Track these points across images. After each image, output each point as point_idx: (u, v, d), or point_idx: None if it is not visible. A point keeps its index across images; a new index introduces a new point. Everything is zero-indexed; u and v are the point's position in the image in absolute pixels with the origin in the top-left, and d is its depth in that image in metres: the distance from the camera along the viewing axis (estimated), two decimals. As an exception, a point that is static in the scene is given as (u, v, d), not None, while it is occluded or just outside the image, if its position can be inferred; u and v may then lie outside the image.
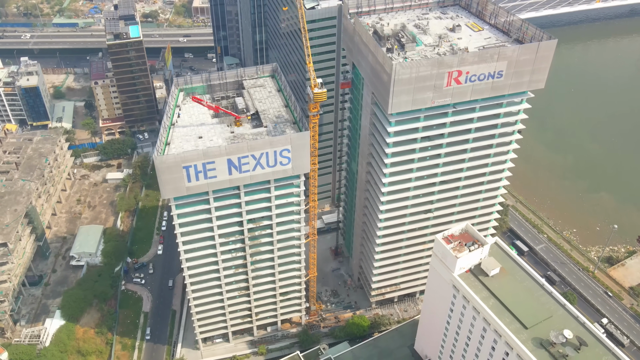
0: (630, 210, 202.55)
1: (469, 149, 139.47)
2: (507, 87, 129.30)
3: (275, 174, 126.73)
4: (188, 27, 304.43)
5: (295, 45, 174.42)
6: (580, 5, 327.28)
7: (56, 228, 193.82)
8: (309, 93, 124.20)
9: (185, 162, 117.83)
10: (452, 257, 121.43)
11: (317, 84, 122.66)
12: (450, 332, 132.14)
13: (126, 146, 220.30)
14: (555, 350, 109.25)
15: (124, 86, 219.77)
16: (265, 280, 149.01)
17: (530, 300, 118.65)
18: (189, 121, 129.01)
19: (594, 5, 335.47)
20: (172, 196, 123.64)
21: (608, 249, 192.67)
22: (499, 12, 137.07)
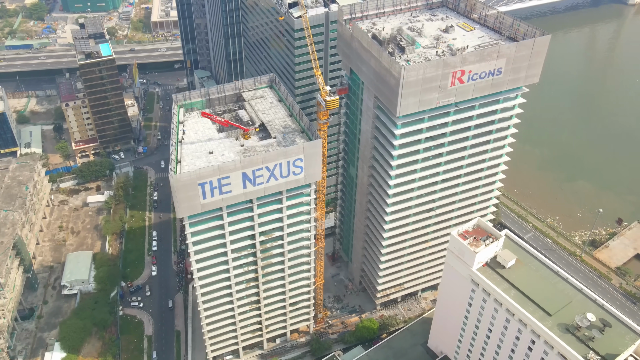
0: (608, 195, 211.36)
1: (468, 145, 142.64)
2: (505, 83, 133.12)
3: (287, 184, 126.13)
4: (149, 43, 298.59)
5: (280, 55, 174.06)
6: (531, 2, 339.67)
7: (41, 257, 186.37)
8: (319, 101, 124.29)
9: (201, 179, 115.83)
10: (470, 252, 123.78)
11: (327, 92, 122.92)
12: (469, 327, 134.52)
13: (104, 167, 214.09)
14: (582, 333, 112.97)
15: (97, 106, 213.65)
16: (275, 292, 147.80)
17: (549, 287, 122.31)
18: (195, 137, 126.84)
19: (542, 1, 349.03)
20: (188, 214, 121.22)
21: (590, 232, 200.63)
22: (488, 12, 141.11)
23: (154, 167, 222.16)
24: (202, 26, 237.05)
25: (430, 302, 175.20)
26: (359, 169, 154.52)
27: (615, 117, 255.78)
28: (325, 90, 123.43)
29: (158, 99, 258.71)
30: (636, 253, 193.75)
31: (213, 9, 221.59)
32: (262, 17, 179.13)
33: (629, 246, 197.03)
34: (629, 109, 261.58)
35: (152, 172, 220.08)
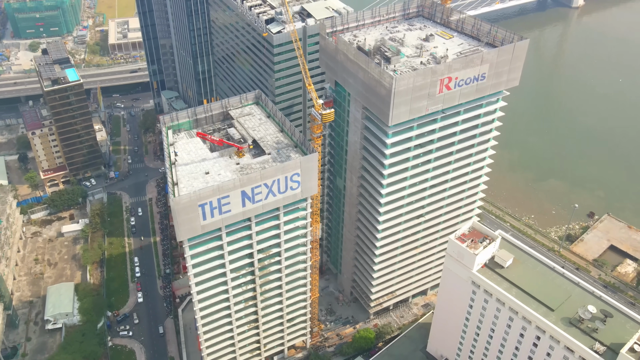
0: (578, 192, 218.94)
1: (454, 150, 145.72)
2: (488, 88, 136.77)
3: (285, 199, 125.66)
4: (108, 66, 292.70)
5: (257, 71, 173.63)
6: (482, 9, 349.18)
7: (19, 293, 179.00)
8: (314, 115, 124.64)
9: (201, 200, 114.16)
10: (470, 255, 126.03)
11: (321, 105, 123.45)
12: (470, 328, 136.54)
13: (76, 195, 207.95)
14: (585, 326, 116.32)
15: (66, 133, 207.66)
16: (273, 309, 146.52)
17: (547, 283, 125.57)
18: (188, 158, 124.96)
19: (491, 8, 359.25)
20: (188, 237, 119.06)
21: (565, 227, 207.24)
22: (465, 20, 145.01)
23: (128, 192, 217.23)
24: (168, 46, 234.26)
25: (421, 308, 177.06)
26: (347, 180, 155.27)
27: (573, 116, 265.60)
28: (319, 103, 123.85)
29: (124, 123, 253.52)
30: (610, 244, 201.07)
31: (179, 29, 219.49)
32: (236, 34, 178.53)
33: (602, 238, 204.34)
34: (585, 107, 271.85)
35: (126, 197, 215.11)
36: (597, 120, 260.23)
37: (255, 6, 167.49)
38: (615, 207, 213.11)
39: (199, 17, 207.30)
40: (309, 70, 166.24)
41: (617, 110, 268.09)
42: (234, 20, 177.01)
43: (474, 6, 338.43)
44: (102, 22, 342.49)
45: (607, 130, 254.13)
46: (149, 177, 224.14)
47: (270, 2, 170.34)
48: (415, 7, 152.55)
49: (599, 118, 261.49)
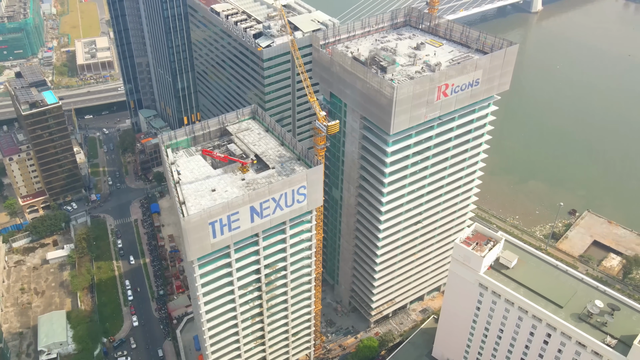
0: (558, 191, 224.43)
1: (450, 156, 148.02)
2: (482, 93, 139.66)
3: (292, 213, 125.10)
4: (79, 87, 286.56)
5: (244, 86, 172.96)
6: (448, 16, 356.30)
7: (7, 325, 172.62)
8: (318, 127, 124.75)
9: (211, 218, 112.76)
10: (477, 257, 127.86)
11: (324, 117, 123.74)
12: (478, 330, 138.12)
13: (59, 221, 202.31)
14: (594, 320, 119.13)
15: (45, 157, 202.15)
16: (279, 324, 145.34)
17: (553, 281, 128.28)
18: (192, 176, 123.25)
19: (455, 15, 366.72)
20: (198, 256, 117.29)
21: (549, 226, 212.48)
22: (453, 27, 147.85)
23: (112, 214, 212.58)
24: (144, 65, 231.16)
25: (419, 313, 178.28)
26: (345, 191, 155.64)
27: (544, 119, 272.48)
28: (322, 115, 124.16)
29: (101, 144, 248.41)
30: (593, 240, 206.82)
31: (156, 46, 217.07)
32: (221, 50, 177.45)
33: (585, 234, 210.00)
34: (554, 109, 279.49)
35: (110, 219, 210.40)
36: (567, 120, 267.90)
37: (240, 21, 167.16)
38: (595, 204, 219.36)
39: (177, 34, 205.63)
40: (298, 82, 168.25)
41: (586, 110, 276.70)
42: (218, 37, 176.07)
43: (439, 14, 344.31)
44: (67, 42, 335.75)
45: (579, 130, 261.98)
46: (132, 198, 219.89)
47: (255, 16, 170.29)
48: (402, 16, 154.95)
49: (570, 119, 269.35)
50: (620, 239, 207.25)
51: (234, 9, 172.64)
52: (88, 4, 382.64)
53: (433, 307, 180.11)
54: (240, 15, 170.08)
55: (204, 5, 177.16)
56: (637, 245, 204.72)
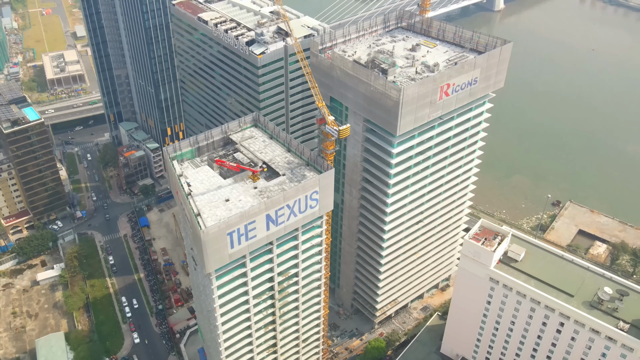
0: (542, 184, 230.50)
1: (449, 154, 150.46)
2: (479, 91, 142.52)
3: (305, 219, 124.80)
4: (50, 102, 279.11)
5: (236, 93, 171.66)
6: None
7: (2, 351, 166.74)
8: (329, 132, 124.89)
9: (229, 228, 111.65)
10: (487, 252, 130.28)
11: (333, 121, 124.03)
12: (489, 324, 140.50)
13: (46, 240, 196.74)
14: (605, 306, 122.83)
15: (28, 176, 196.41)
16: (291, 331, 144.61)
17: (561, 271, 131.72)
18: (203, 187, 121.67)
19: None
20: (216, 267, 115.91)
21: (535, 217, 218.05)
22: (445, 28, 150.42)
23: (100, 230, 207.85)
24: (123, 77, 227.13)
25: (420, 311, 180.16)
26: (346, 194, 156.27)
27: (518, 114, 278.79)
28: (331, 120, 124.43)
29: (80, 159, 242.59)
30: (578, 229, 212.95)
31: (137, 58, 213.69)
32: (210, 59, 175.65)
33: (570, 224, 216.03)
34: (527, 105, 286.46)
35: (98, 235, 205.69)
36: (541, 115, 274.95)
37: (230, 29, 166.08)
38: (577, 195, 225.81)
39: (159, 44, 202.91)
40: (291, 88, 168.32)
41: (559, 104, 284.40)
42: (206, 45, 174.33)
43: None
44: (33, 57, 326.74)
45: (554, 124, 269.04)
46: (119, 213, 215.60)
47: (245, 24, 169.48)
48: (394, 19, 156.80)
49: (543, 113, 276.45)
50: (604, 227, 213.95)
51: (222, 17, 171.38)
52: (50, 17, 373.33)
53: (433, 304, 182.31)
54: (229, 23, 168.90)
55: (190, 14, 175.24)
56: (620, 232, 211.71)
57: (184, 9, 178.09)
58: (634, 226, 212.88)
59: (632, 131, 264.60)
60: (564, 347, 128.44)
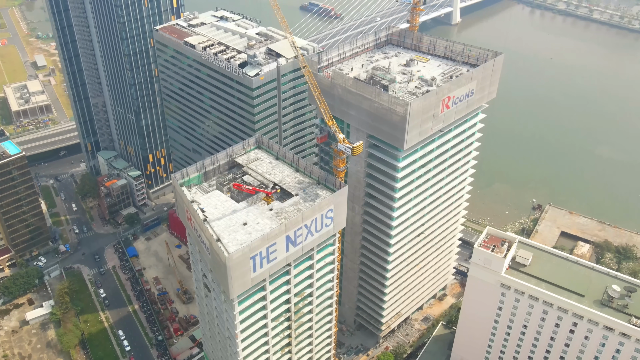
0: (522, 190, 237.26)
1: (447, 165, 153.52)
2: (475, 102, 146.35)
3: (320, 237, 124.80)
4: (17, 135, 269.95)
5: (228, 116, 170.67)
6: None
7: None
8: (341, 149, 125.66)
9: (253, 252, 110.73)
10: (498, 259, 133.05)
11: (344, 139, 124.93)
12: (500, 330, 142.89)
13: (32, 278, 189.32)
14: (616, 304, 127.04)
15: (9, 212, 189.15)
16: (305, 352, 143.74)
17: (568, 273, 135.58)
18: (218, 212, 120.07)
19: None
20: (239, 293, 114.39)
21: (518, 222, 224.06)
22: (436, 43, 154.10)
23: (86, 264, 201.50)
24: (100, 105, 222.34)
25: (421, 322, 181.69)
26: (349, 210, 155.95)
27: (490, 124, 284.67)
28: (342, 138, 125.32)
29: (56, 192, 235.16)
30: (561, 231, 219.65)
31: (115, 85, 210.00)
32: (198, 82, 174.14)
33: (552, 227, 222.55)
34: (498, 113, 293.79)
35: (86, 269, 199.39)
36: (512, 123, 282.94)
37: (220, 52, 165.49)
38: (557, 199, 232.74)
39: (139, 70, 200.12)
40: (284, 109, 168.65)
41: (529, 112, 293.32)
42: (193, 69, 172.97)
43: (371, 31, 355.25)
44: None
45: (525, 131, 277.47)
46: (104, 244, 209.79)
47: (233, 46, 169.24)
48: (384, 35, 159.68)
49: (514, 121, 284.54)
50: (584, 228, 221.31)
51: (210, 41, 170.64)
52: (7, 47, 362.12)
53: (433, 314, 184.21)
54: (217, 46, 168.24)
55: (176, 39, 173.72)
56: (599, 231, 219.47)
57: (168, 34, 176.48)
58: (611, 225, 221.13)
59: (599, 134, 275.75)
60: (577, 347, 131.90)
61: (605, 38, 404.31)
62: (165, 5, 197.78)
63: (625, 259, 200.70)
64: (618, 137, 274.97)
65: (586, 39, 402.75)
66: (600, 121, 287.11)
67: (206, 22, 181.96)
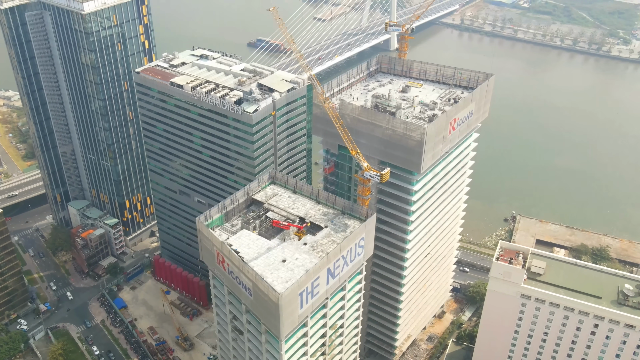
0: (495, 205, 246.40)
1: (449, 186, 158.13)
2: (473, 122, 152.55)
3: (353, 267, 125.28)
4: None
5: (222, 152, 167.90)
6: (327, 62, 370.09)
7: None
8: (368, 177, 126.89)
9: (300, 288, 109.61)
10: (518, 271, 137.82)
11: (369, 167, 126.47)
12: (520, 340, 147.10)
13: (17, 343, 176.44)
14: (631, 302, 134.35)
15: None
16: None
17: (581, 278, 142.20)
18: (253, 252, 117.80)
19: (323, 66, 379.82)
20: (288, 332, 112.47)
21: (494, 235, 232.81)
22: (427, 68, 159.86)
23: (72, 321, 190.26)
24: (69, 153, 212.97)
25: (427, 342, 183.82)
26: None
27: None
28: (367, 166, 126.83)
29: (23, 249, 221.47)
30: (536, 239, 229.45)
31: (85, 132, 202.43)
32: (187, 122, 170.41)
33: (527, 236, 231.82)
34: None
35: (72, 327, 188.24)
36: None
37: (211, 91, 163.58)
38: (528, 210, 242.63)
39: (114, 114, 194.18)
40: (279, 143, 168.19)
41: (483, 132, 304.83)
42: (182, 109, 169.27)
43: (320, 62, 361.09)
44: None
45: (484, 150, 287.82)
46: (86, 298, 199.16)
47: (222, 84, 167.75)
48: (374, 64, 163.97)
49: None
50: (556, 234, 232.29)
51: (197, 80, 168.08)
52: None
53: (436, 332, 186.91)
54: (207, 85, 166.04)
55: (161, 80, 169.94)
56: (570, 236, 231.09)
57: (151, 75, 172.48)
58: (580, 229, 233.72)
59: (553, 145, 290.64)
60: (598, 348, 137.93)
61: (531, 55, 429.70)
62: (137, 47, 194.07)
63: (601, 259, 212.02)
64: (566, 146, 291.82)
65: (515, 57, 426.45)
66: (551, 134, 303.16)
67: (187, 62, 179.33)
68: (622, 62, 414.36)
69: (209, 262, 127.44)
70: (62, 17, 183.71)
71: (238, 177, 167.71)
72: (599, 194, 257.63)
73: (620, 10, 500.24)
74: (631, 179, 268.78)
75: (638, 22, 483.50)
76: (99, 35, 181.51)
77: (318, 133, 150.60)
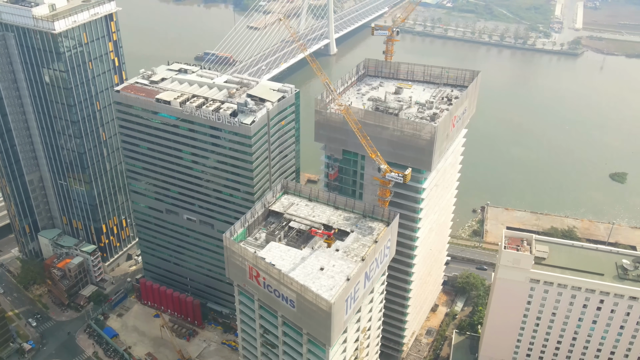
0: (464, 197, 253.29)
1: (446, 181, 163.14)
2: (465, 119, 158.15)
3: (382, 268, 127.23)
4: None
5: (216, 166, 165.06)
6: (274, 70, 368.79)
7: None
8: (391, 179, 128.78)
9: (346, 294, 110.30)
10: (527, 257, 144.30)
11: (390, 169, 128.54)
12: (529, 324, 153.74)
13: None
14: (631, 275, 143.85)
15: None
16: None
17: (581, 257, 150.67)
18: (288, 264, 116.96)
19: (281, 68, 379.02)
20: (336, 339, 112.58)
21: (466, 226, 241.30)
22: (414, 69, 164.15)
23: (61, 357, 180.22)
24: (36, 181, 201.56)
25: (426, 336, 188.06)
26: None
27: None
28: (387, 168, 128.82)
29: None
30: (506, 226, 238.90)
31: (54, 158, 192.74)
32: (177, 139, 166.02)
33: (497, 224, 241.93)
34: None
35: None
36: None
37: (202, 105, 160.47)
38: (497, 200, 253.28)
39: (88, 137, 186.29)
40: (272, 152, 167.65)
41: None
42: (169, 126, 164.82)
43: (267, 69, 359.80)
44: None
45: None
46: (72, 331, 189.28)
47: (211, 97, 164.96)
48: (362, 68, 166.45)
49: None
50: (523, 220, 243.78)
51: (184, 95, 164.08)
52: None
53: (432, 325, 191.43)
54: (196, 99, 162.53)
55: (145, 97, 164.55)
56: (536, 220, 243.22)
57: (133, 93, 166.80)
58: (544, 213, 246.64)
59: (507, 137, 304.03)
60: (604, 322, 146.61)
61: (462, 52, 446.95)
62: (108, 65, 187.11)
63: (571, 240, 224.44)
64: (519, 137, 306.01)
65: (447, 55, 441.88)
66: (506, 125, 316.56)
67: (167, 77, 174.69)
68: (547, 54, 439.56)
69: (237, 278, 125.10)
70: (27, 38, 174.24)
71: (233, 190, 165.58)
72: (556, 180, 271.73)
73: (535, 6, 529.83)
74: (581, 164, 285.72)
75: (553, 16, 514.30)
76: (71, 55, 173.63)
77: (321, 140, 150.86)
